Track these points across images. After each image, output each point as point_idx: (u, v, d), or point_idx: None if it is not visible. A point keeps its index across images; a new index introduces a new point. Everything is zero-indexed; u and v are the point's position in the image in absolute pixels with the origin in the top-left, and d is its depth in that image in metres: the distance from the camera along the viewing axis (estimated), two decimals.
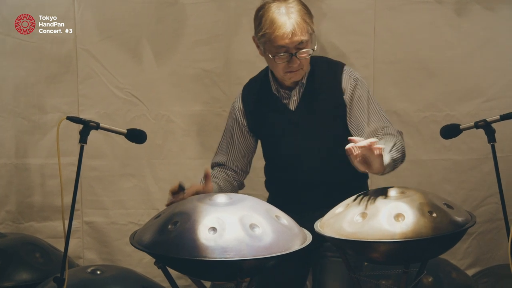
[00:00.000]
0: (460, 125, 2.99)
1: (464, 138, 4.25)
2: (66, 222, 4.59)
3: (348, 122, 3.19)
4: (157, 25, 4.52)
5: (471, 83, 4.55)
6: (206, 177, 2.99)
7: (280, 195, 3.34)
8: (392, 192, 2.75)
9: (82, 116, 4.49)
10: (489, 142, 2.89)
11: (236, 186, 3.37)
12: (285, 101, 3.22)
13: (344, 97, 3.17)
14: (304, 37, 3.01)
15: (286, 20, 2.98)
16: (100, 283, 3.53)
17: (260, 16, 3.06)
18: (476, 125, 2.90)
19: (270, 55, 3.05)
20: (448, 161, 4.62)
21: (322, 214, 2.93)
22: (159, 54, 4.55)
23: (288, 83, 3.19)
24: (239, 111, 3.31)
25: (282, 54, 3.03)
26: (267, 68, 3.29)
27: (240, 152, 3.35)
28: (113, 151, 4.60)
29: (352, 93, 3.17)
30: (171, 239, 2.55)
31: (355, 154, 2.70)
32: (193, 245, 2.49)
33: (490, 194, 4.56)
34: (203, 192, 2.95)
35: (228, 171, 3.35)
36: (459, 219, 2.68)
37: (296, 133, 3.21)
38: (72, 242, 4.67)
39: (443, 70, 4.53)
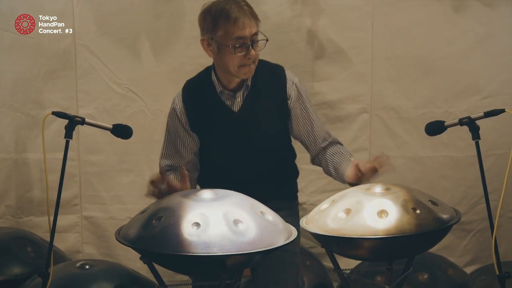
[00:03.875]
0: (445, 122, 2.99)
1: (462, 134, 4.24)
2: (63, 217, 4.68)
3: (291, 128, 3.34)
4: (155, 21, 4.53)
5: (469, 79, 4.53)
6: (183, 177, 3.02)
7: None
8: (377, 189, 2.75)
9: (81, 111, 4.53)
10: (473, 139, 2.88)
11: (194, 185, 3.40)
12: (228, 103, 3.26)
13: (289, 102, 3.27)
14: (256, 29, 3.13)
15: (240, 13, 3.09)
16: (88, 277, 3.54)
17: (213, 14, 3.14)
18: (461, 122, 2.89)
19: (230, 46, 3.10)
20: (446, 158, 4.61)
21: None
22: (157, 50, 4.56)
23: (234, 84, 3.24)
24: (180, 112, 3.31)
25: (240, 46, 3.10)
26: (207, 69, 3.34)
27: (191, 152, 3.36)
28: (111, 146, 4.62)
29: (296, 101, 3.29)
30: (155, 234, 2.56)
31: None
32: (177, 241, 2.49)
33: (489, 191, 4.45)
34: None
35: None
36: (443, 216, 2.68)
37: (237, 134, 3.26)
38: (71, 236, 4.72)
39: (441, 67, 4.52)
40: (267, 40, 3.15)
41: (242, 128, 3.25)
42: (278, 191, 3.35)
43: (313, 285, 4.25)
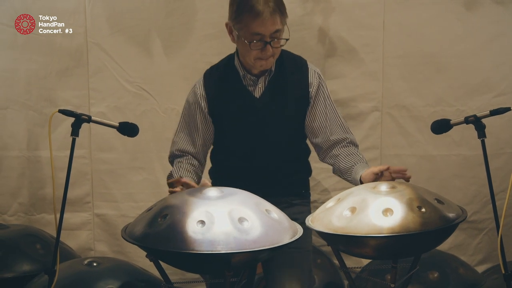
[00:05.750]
0: (451, 120, 2.98)
1: (474, 133, 4.21)
2: (76, 215, 4.71)
3: (308, 116, 3.30)
4: (167, 19, 4.53)
5: (481, 78, 4.50)
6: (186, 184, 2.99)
7: (225, 182, 3.32)
8: (383, 187, 2.75)
9: (93, 109, 4.55)
10: (479, 137, 2.87)
11: (200, 176, 3.37)
12: (250, 88, 3.25)
13: (310, 90, 3.27)
14: (279, 26, 3.08)
15: (265, 8, 3.03)
16: (95, 275, 3.54)
17: (238, 3, 3.12)
18: (466, 121, 2.88)
19: (246, 41, 3.09)
20: (458, 157, 4.58)
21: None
22: (168, 48, 4.57)
23: (257, 71, 3.23)
24: (201, 97, 3.30)
25: (257, 41, 3.08)
26: (231, 55, 3.33)
27: (204, 140, 3.35)
28: (123, 144, 4.63)
29: (317, 89, 3.28)
30: (160, 232, 2.57)
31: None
32: (181, 238, 2.51)
33: (501, 189, 4.49)
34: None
35: (193, 161, 3.34)
36: (449, 214, 2.67)
37: (258, 121, 3.25)
38: (84, 234, 4.74)
39: (452, 65, 4.49)
40: (287, 39, 3.13)
41: (262, 115, 3.24)
42: (293, 186, 3.37)
43: (323, 283, 4.25)
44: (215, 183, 3.46)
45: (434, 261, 4.03)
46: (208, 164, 3.50)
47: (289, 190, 3.35)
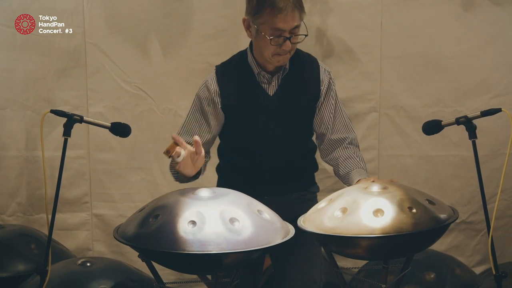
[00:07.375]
0: (442, 121, 2.97)
1: None
2: (74, 215, 4.72)
3: (317, 113, 3.31)
4: (165, 20, 4.54)
5: (479, 78, 4.50)
6: (196, 144, 2.91)
7: (234, 178, 3.33)
8: (375, 188, 2.74)
9: (91, 110, 4.57)
10: (470, 138, 2.86)
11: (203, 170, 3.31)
12: (264, 86, 3.25)
13: (321, 88, 3.28)
14: (298, 22, 3.08)
15: (287, 3, 3.02)
16: (88, 275, 3.54)
17: None
18: (457, 122, 2.87)
19: (266, 36, 3.08)
20: (456, 157, 4.57)
21: (274, 200, 3.06)
22: (167, 48, 4.58)
23: (272, 67, 3.22)
24: (215, 93, 3.27)
25: (277, 37, 3.08)
26: (243, 52, 3.32)
27: (212, 135, 3.32)
28: (121, 144, 4.63)
29: (327, 87, 3.30)
30: (151, 233, 2.57)
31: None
32: (172, 238, 2.51)
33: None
34: (195, 156, 2.93)
35: None
36: (440, 215, 2.66)
37: (269, 118, 3.25)
38: (82, 234, 4.75)
39: (450, 66, 4.49)
40: (306, 35, 3.13)
41: (274, 112, 3.25)
42: (301, 183, 3.39)
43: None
44: (223, 180, 3.45)
45: (430, 262, 4.03)
46: (216, 160, 3.48)
47: (297, 187, 3.38)
